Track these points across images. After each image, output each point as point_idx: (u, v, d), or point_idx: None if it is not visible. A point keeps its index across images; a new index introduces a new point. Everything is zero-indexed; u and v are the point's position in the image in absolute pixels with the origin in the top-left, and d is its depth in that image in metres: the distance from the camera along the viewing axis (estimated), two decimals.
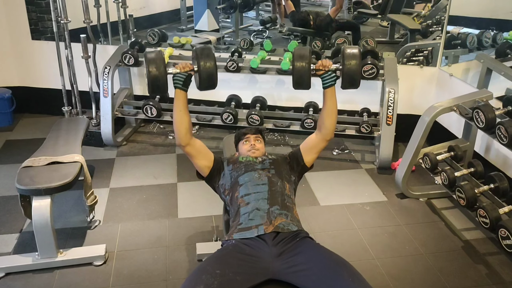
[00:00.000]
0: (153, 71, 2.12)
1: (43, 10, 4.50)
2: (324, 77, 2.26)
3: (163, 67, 2.14)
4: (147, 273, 2.69)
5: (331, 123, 2.33)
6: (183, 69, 2.19)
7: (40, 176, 2.64)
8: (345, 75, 2.22)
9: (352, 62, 2.19)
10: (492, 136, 2.83)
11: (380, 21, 5.48)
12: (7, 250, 2.85)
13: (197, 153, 2.32)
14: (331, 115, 2.32)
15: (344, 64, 2.20)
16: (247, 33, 5.47)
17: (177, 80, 2.20)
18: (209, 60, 2.17)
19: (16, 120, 4.77)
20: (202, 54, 2.18)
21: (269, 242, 1.99)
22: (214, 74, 2.20)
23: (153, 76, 2.13)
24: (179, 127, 2.24)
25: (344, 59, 2.21)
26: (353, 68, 2.20)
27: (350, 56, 2.20)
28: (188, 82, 2.22)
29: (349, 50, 2.22)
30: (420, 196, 3.52)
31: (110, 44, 4.60)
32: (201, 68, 2.17)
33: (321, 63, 2.24)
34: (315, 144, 2.39)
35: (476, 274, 2.74)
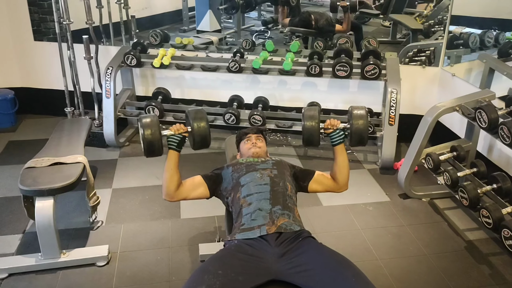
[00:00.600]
0: (148, 135, 2.17)
1: (45, 11, 4.51)
2: (332, 135, 2.33)
3: (158, 131, 2.20)
4: (150, 274, 2.69)
5: (343, 178, 2.38)
6: (177, 131, 2.25)
7: (43, 177, 2.65)
8: (353, 135, 2.29)
9: (360, 122, 2.26)
10: (495, 136, 2.83)
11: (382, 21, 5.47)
12: (10, 250, 2.86)
13: (187, 194, 2.33)
14: (342, 170, 2.37)
15: (352, 124, 2.27)
16: (249, 33, 5.47)
17: (171, 142, 2.26)
18: (202, 122, 2.24)
19: (19, 121, 4.78)
20: (195, 118, 2.25)
21: (272, 243, 1.99)
22: (207, 136, 2.27)
23: (149, 140, 2.18)
24: (168, 185, 2.26)
25: (352, 119, 2.27)
26: (361, 128, 2.27)
27: (358, 117, 2.27)
28: (182, 143, 2.28)
29: (357, 111, 2.29)
30: (423, 196, 3.52)
31: (112, 45, 4.61)
32: (195, 130, 2.23)
33: (329, 122, 2.31)
34: (327, 187, 2.44)
35: (479, 274, 2.74)
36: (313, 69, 3.95)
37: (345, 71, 3.88)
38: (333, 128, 2.31)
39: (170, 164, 2.25)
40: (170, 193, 2.27)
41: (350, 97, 4.39)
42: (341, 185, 2.40)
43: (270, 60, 4.15)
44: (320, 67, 3.94)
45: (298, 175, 2.42)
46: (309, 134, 2.31)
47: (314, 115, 2.30)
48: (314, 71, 3.95)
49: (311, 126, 2.29)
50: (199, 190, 2.34)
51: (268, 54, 4.17)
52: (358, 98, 4.37)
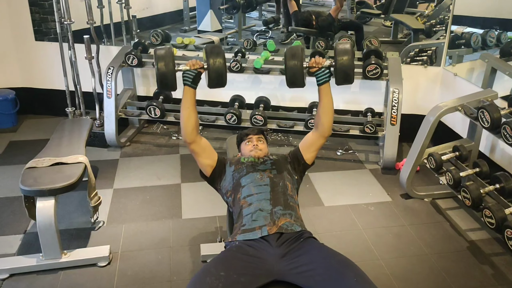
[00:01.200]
0: (162, 67, 2.12)
1: (46, 11, 4.50)
2: (317, 74, 2.27)
3: (172, 64, 2.14)
4: (151, 274, 2.69)
5: (327, 120, 2.33)
6: (193, 66, 2.20)
7: (44, 177, 2.64)
8: (338, 71, 2.21)
9: (345, 58, 2.18)
10: (497, 136, 2.82)
11: (383, 21, 5.46)
12: (11, 251, 2.85)
13: (201, 151, 2.32)
14: (327, 112, 2.32)
15: (337, 60, 2.19)
16: (250, 33, 5.47)
17: (186, 77, 2.20)
18: (219, 58, 2.18)
19: (20, 121, 4.78)
20: (212, 52, 2.18)
21: (273, 243, 1.98)
22: (223, 73, 2.20)
23: (162, 73, 2.13)
24: (186, 124, 2.23)
25: (336, 55, 2.20)
26: (346, 63, 2.19)
27: (342, 52, 2.19)
28: (197, 79, 2.22)
29: (341, 45, 2.21)
30: (425, 196, 3.51)
31: (113, 45, 4.61)
32: (211, 66, 2.17)
33: (314, 61, 2.24)
34: (313, 141, 2.39)
35: (481, 274, 2.73)
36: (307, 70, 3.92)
37: None
38: (317, 67, 2.24)
39: (187, 101, 2.22)
40: (188, 133, 2.24)
41: (352, 96, 4.38)
42: (325, 129, 2.33)
43: (272, 60, 4.14)
44: None
45: (294, 164, 2.41)
46: (292, 73, 2.21)
47: (297, 53, 2.20)
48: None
49: (294, 65, 2.19)
50: (208, 161, 2.34)
51: (269, 54, 4.16)
52: (359, 97, 4.36)
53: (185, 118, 2.23)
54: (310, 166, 2.45)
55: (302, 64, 2.20)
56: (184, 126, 2.24)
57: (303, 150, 2.41)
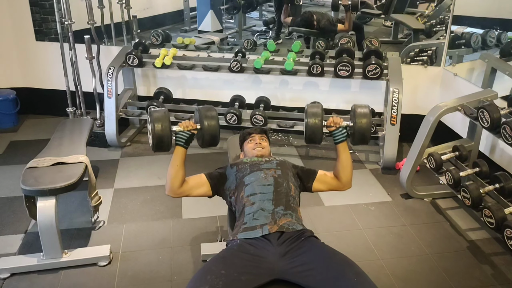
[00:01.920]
0: (158, 130, 2.15)
1: (47, 12, 4.51)
2: (335, 133, 2.31)
3: (169, 127, 2.17)
4: (151, 274, 2.69)
5: (346, 176, 2.37)
6: (186, 128, 2.22)
7: (45, 177, 2.65)
8: (356, 134, 2.28)
9: (363, 121, 2.25)
10: (497, 135, 2.82)
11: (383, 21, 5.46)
12: (12, 250, 2.86)
13: (191, 192, 2.31)
14: (345, 168, 2.35)
15: (355, 122, 2.26)
16: (251, 33, 5.47)
17: (179, 138, 2.23)
18: (212, 120, 2.22)
19: (21, 121, 4.78)
20: (206, 116, 2.22)
21: (274, 242, 1.99)
22: (217, 135, 2.24)
23: (158, 135, 2.15)
24: (173, 181, 2.24)
25: (355, 118, 2.26)
26: (364, 127, 2.26)
27: (361, 115, 2.26)
28: (190, 140, 2.25)
29: (360, 109, 2.28)
30: (425, 196, 3.51)
31: (114, 45, 4.61)
32: (205, 129, 2.21)
33: (332, 120, 2.29)
34: (330, 185, 2.42)
35: (481, 274, 2.73)
36: (314, 69, 3.94)
37: (347, 70, 3.88)
38: (335, 126, 2.29)
39: (176, 161, 2.23)
40: (174, 189, 2.25)
41: (352, 97, 4.39)
42: (345, 184, 2.38)
43: (272, 60, 4.15)
44: (322, 67, 3.93)
45: (301, 175, 2.41)
46: (311, 131, 2.28)
47: (317, 112, 2.28)
48: (316, 71, 3.95)
49: (314, 124, 2.26)
50: (202, 189, 2.33)
51: (269, 54, 4.17)
52: (360, 98, 4.36)
53: (173, 176, 2.23)
54: (308, 192, 2.45)
55: (322, 123, 2.27)
56: (171, 182, 2.24)
57: (318, 179, 2.41)
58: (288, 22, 4.94)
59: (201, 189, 2.33)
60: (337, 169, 2.38)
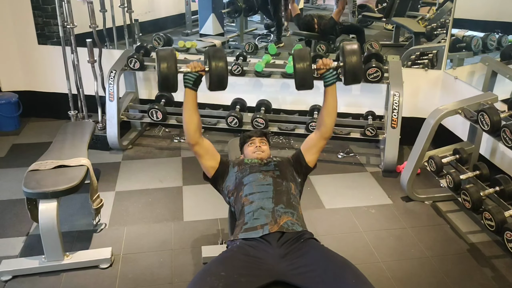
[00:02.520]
0: (164, 68, 2.12)
1: (49, 15, 4.54)
2: (325, 75, 2.28)
3: (175, 65, 2.15)
4: (152, 276, 2.70)
5: (330, 121, 2.34)
6: (194, 68, 2.20)
7: (47, 180, 2.66)
8: (347, 72, 2.23)
9: (354, 59, 2.21)
10: (497, 138, 2.82)
11: (384, 25, 5.49)
12: (14, 253, 2.87)
13: (205, 153, 2.33)
14: (331, 113, 2.33)
15: (345, 61, 2.21)
16: (252, 37, 5.50)
17: (187, 80, 2.21)
18: (220, 61, 2.18)
19: (23, 124, 4.80)
20: (214, 56, 2.19)
21: (274, 244, 1.99)
22: (225, 76, 2.20)
23: (164, 74, 2.13)
24: (188, 126, 2.25)
25: (344, 56, 2.22)
26: (355, 64, 2.21)
27: (351, 52, 2.21)
28: (198, 82, 2.23)
29: (349, 46, 2.23)
30: (426, 199, 3.52)
31: (115, 49, 4.63)
32: (212, 69, 2.18)
33: (321, 62, 2.26)
34: (315, 143, 2.40)
35: (482, 277, 2.73)
36: (315, 72, 3.94)
37: None
38: (325, 68, 2.26)
39: (188, 104, 2.22)
40: (190, 135, 2.25)
41: (353, 100, 4.40)
42: (327, 130, 2.35)
43: (273, 63, 4.16)
44: None
45: (297, 166, 2.42)
46: (301, 76, 2.22)
47: (305, 56, 2.22)
48: (317, 74, 3.94)
49: (302, 67, 2.21)
50: (211, 162, 2.35)
51: (270, 57, 4.18)
52: (360, 101, 4.37)
53: (187, 120, 2.25)
54: (312, 169, 2.45)
55: (311, 66, 2.22)
56: (187, 128, 2.26)
57: (305, 152, 2.42)
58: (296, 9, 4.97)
59: (210, 160, 2.35)
60: (321, 115, 2.35)
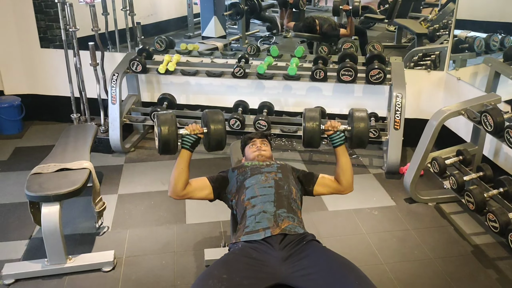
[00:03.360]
0: (165, 132, 2.16)
1: (51, 19, 4.55)
2: (333, 137, 2.33)
3: (175, 129, 2.18)
4: (155, 279, 2.70)
5: (347, 180, 2.37)
6: (193, 131, 2.23)
7: (49, 183, 2.66)
8: (354, 138, 2.29)
9: (361, 125, 2.26)
10: (500, 139, 2.81)
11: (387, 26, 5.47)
12: (17, 256, 2.87)
13: (192, 194, 2.32)
14: (345, 172, 2.36)
15: (353, 127, 2.27)
16: (254, 39, 5.49)
17: (186, 141, 2.24)
18: (219, 125, 2.23)
19: (26, 127, 4.82)
20: (213, 120, 2.24)
21: (276, 246, 1.99)
22: (223, 139, 2.26)
23: (165, 138, 2.16)
24: (176, 183, 2.25)
25: (353, 122, 2.27)
26: (362, 131, 2.27)
27: (359, 119, 2.27)
28: (196, 144, 2.26)
29: (358, 113, 2.29)
30: (429, 200, 3.50)
31: (118, 52, 4.64)
32: (211, 132, 2.22)
33: (330, 124, 2.30)
34: (332, 189, 2.42)
35: (486, 279, 2.72)
36: (317, 74, 3.95)
37: (350, 75, 3.88)
38: (333, 130, 2.31)
39: (181, 164, 2.24)
40: (177, 192, 2.26)
41: (355, 101, 4.39)
42: (346, 187, 2.39)
43: (275, 66, 4.16)
44: (324, 72, 3.94)
45: (302, 179, 2.41)
46: (309, 135, 2.29)
47: (315, 117, 2.29)
48: (319, 76, 3.96)
49: (311, 128, 2.28)
50: (204, 192, 2.34)
51: (272, 59, 4.18)
52: (363, 102, 4.37)
53: (177, 178, 2.24)
54: (309, 195, 2.45)
55: (320, 127, 2.28)
56: (174, 185, 2.25)
57: (319, 183, 2.41)
58: (291, 26, 4.96)
59: (203, 192, 2.33)
60: (337, 173, 2.38)
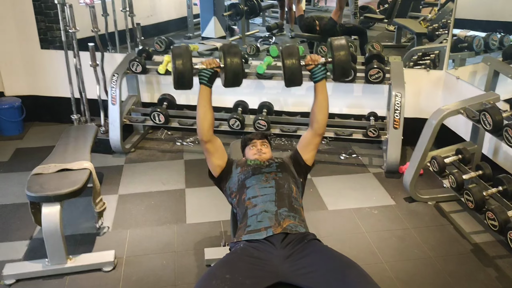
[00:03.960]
0: (179, 65, 2.13)
1: (51, 20, 4.56)
2: (314, 71, 2.28)
3: (190, 62, 2.15)
4: (155, 279, 2.70)
5: (322, 117, 2.34)
6: (209, 65, 2.21)
7: (50, 183, 2.67)
8: (336, 67, 2.22)
9: (342, 53, 2.20)
10: (499, 138, 2.82)
11: (386, 26, 5.49)
12: (17, 256, 2.88)
13: (215, 151, 2.34)
14: (322, 109, 2.33)
15: (334, 56, 2.21)
16: (254, 39, 5.51)
17: (202, 76, 2.22)
18: (236, 57, 2.18)
19: (26, 128, 4.83)
20: (229, 52, 2.19)
21: (277, 245, 1.99)
22: (240, 72, 2.20)
23: (179, 71, 2.13)
24: (202, 122, 2.25)
25: (333, 51, 2.21)
26: (343, 59, 2.21)
27: (339, 48, 2.21)
28: (213, 78, 2.24)
29: (337, 41, 2.23)
30: (428, 199, 3.51)
31: (118, 52, 4.65)
32: (228, 66, 2.18)
33: (310, 58, 2.26)
34: (309, 141, 2.40)
35: (486, 277, 2.73)
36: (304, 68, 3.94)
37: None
38: (314, 64, 2.26)
39: (203, 100, 2.23)
40: (204, 132, 2.26)
41: (355, 101, 4.40)
42: (320, 126, 2.34)
43: (275, 66, 4.16)
44: None
45: (295, 163, 2.42)
46: (290, 72, 2.21)
47: (294, 52, 2.22)
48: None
49: (292, 64, 2.20)
50: (219, 161, 2.36)
51: (272, 59, 4.17)
52: (362, 102, 4.37)
53: (202, 116, 2.25)
54: (311, 168, 2.45)
55: (299, 62, 2.21)
56: (201, 124, 2.26)
57: (301, 150, 2.42)
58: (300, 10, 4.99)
59: (220, 159, 2.36)
60: (313, 112, 2.34)
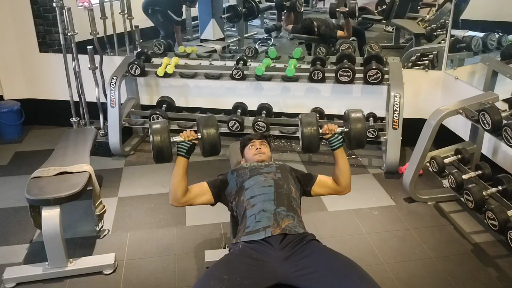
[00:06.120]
0: (157, 142, 2.18)
1: (50, 23, 4.56)
2: (331, 140, 2.34)
3: (168, 138, 2.21)
4: (156, 281, 2.70)
5: (345, 181, 2.38)
6: (187, 138, 2.26)
7: (49, 186, 2.67)
8: (352, 139, 2.29)
9: (358, 126, 2.27)
10: (498, 138, 2.82)
11: (385, 26, 5.49)
12: (17, 260, 2.88)
13: (193, 200, 2.33)
14: (344, 173, 2.37)
15: (351, 128, 2.27)
16: (252, 41, 5.51)
17: (181, 148, 2.27)
18: (212, 129, 2.25)
19: (25, 132, 4.82)
20: (205, 125, 2.26)
21: (276, 246, 1.99)
22: (217, 143, 2.27)
23: (158, 146, 2.19)
24: (176, 191, 2.26)
25: (350, 123, 2.27)
26: (360, 132, 2.27)
27: (356, 120, 2.27)
28: (191, 150, 2.29)
29: (354, 114, 2.29)
30: (428, 199, 3.51)
31: (116, 55, 4.64)
32: (204, 137, 2.24)
33: (327, 128, 2.31)
34: (330, 189, 2.44)
35: (486, 277, 2.73)
36: (316, 75, 3.96)
37: (348, 76, 3.89)
38: (331, 133, 2.31)
39: (179, 171, 2.26)
40: (177, 199, 2.27)
41: (354, 102, 4.40)
42: (344, 187, 2.39)
43: (273, 67, 4.17)
44: (323, 73, 3.95)
45: (300, 179, 2.42)
46: (308, 141, 2.30)
47: (312, 122, 2.30)
48: (317, 77, 3.97)
49: (310, 133, 2.28)
50: (205, 197, 2.35)
51: (271, 61, 4.19)
52: (361, 103, 4.37)
53: (176, 185, 2.26)
54: (307, 196, 2.46)
55: (318, 131, 2.29)
56: (174, 193, 2.27)
57: (318, 184, 2.42)
58: (289, 29, 4.98)
59: (203, 197, 2.35)
60: (336, 175, 2.39)
